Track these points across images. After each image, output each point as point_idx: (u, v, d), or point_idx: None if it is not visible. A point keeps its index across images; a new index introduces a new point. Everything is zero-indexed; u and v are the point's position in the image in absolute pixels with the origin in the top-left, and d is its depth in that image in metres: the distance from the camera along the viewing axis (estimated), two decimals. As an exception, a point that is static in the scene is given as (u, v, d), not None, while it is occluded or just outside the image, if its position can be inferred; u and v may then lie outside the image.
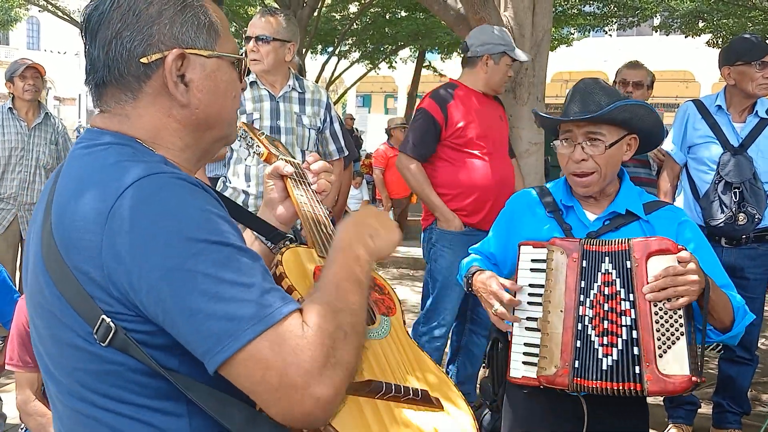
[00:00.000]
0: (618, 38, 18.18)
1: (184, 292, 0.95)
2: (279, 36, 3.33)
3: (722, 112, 3.42)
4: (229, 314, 0.95)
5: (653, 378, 1.78)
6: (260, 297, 0.97)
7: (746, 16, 9.48)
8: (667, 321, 1.81)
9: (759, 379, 4.29)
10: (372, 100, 27.49)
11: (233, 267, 0.97)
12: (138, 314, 1.00)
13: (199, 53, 1.13)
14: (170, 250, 0.96)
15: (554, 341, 1.92)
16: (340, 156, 3.63)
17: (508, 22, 3.92)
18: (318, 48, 13.52)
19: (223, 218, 1.03)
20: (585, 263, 1.92)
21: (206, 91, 1.14)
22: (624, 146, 2.08)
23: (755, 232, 3.33)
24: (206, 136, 1.18)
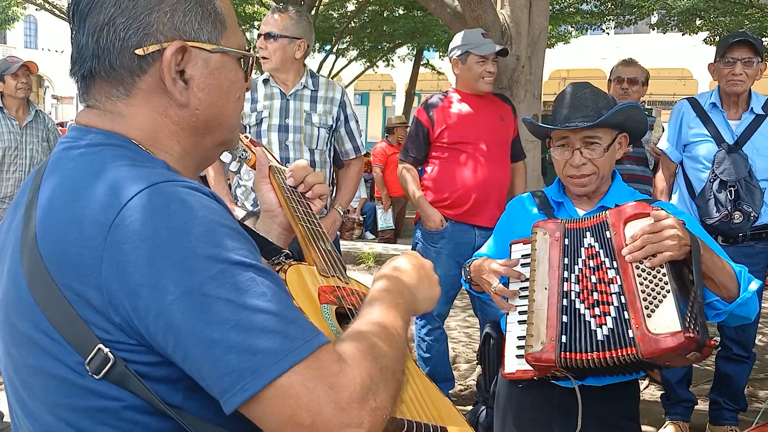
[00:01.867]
0: (615, 36, 18.18)
1: (201, 320, 0.82)
2: (287, 33, 3.32)
3: (717, 110, 3.42)
4: (254, 347, 0.82)
5: (644, 339, 1.76)
6: (287, 326, 0.84)
7: (743, 14, 9.47)
8: (651, 281, 1.81)
9: (756, 376, 4.30)
10: (370, 98, 27.48)
11: (257, 292, 0.85)
12: (141, 343, 0.87)
13: (203, 47, 0.99)
14: (185, 270, 0.83)
15: (540, 318, 1.93)
16: (356, 155, 3.61)
17: (505, 20, 3.92)
18: (316, 46, 13.52)
19: (242, 234, 0.90)
20: (567, 241, 1.96)
21: (208, 90, 1.00)
22: (617, 145, 2.12)
23: (752, 230, 3.33)
24: (206, 141, 1.05)
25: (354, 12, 12.05)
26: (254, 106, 3.42)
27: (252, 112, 3.41)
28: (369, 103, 27.55)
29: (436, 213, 3.60)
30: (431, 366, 3.74)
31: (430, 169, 3.68)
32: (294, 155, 3.38)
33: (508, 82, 3.96)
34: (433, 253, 3.62)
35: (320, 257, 1.28)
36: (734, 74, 3.31)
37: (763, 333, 5.50)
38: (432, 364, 3.74)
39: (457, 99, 3.66)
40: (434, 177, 3.65)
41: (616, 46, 17.85)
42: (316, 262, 1.27)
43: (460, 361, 4.74)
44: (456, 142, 3.58)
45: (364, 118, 25.84)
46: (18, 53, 22.21)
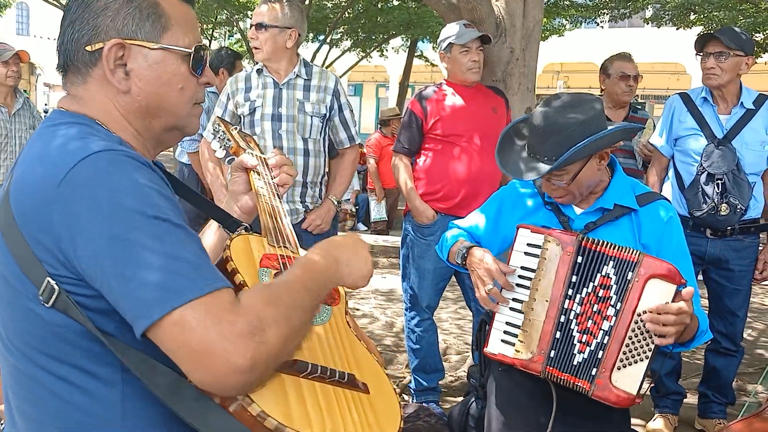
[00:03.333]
0: (610, 30, 18.19)
1: (122, 260, 1.02)
2: (277, 23, 3.34)
3: (708, 104, 3.44)
4: (161, 283, 1.01)
5: (602, 384, 1.87)
6: (192, 270, 1.03)
7: (737, 9, 9.49)
8: (639, 342, 1.87)
9: (744, 370, 4.34)
10: (363, 89, 27.41)
11: (170, 240, 1.04)
12: (80, 278, 1.07)
13: (142, 44, 1.19)
14: (113, 220, 1.03)
15: (535, 328, 1.96)
16: (351, 144, 3.62)
17: (500, 12, 3.91)
18: (309, 36, 13.46)
19: (166, 196, 1.10)
20: (581, 259, 1.94)
21: (147, 80, 1.20)
22: (595, 162, 2.08)
23: (740, 223, 3.35)
24: (154, 125, 1.24)
25: (348, 2, 12.00)
26: (248, 95, 3.43)
27: (246, 102, 3.43)
28: (362, 95, 27.49)
29: (427, 209, 3.60)
30: (421, 357, 3.75)
31: (423, 160, 3.68)
32: (287, 144, 3.38)
33: (501, 74, 3.94)
34: (423, 245, 3.63)
35: (274, 230, 1.43)
36: (707, 68, 3.36)
37: (753, 327, 5.55)
38: (422, 355, 3.75)
39: (451, 91, 3.66)
40: (426, 169, 3.65)
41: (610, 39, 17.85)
42: (270, 234, 1.42)
43: (450, 352, 4.75)
44: (449, 134, 3.59)
45: (357, 110, 25.77)
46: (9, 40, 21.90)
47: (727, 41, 3.32)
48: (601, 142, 2.02)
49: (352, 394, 1.21)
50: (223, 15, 12.82)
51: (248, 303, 1.06)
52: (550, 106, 2.06)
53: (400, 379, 4.17)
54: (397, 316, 5.50)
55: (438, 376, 3.83)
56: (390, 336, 5.10)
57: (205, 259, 1.08)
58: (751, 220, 3.40)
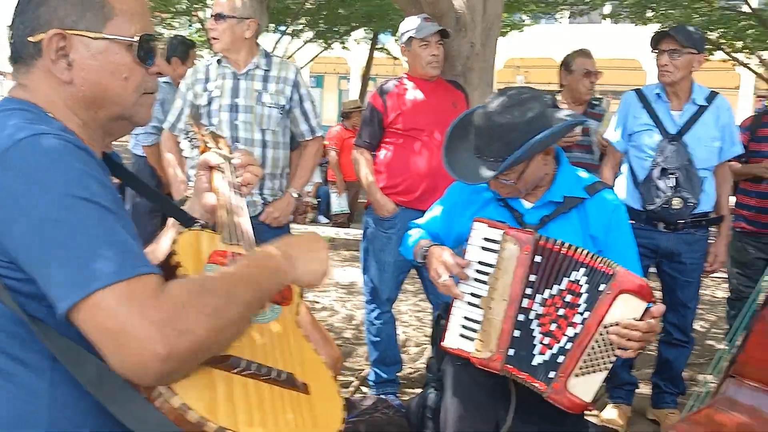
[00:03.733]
0: (569, 26, 18.42)
1: (49, 242, 1.01)
2: (236, 13, 3.31)
3: (661, 101, 3.51)
4: (84, 265, 1.00)
5: (558, 388, 1.90)
6: (118, 255, 1.02)
7: (691, 7, 9.68)
8: (601, 353, 1.90)
9: (695, 361, 4.45)
10: (325, 80, 27.30)
11: (98, 224, 1.04)
12: (11, 261, 1.06)
13: (83, 35, 1.18)
14: (44, 201, 1.03)
15: (494, 327, 1.98)
16: (312, 136, 3.59)
17: (460, 7, 3.93)
18: (270, 27, 13.33)
19: (100, 181, 1.09)
20: (539, 258, 1.96)
21: (89, 70, 1.19)
22: (539, 157, 2.08)
23: (692, 217, 3.43)
24: (100, 115, 1.23)
25: (310, -7, 11.92)
26: (206, 86, 3.41)
27: (204, 92, 3.41)
28: (324, 86, 27.38)
29: (388, 202, 3.61)
30: (380, 350, 3.77)
31: (384, 154, 3.69)
32: (244, 135, 3.35)
33: (462, 69, 3.97)
34: (384, 238, 3.65)
35: (229, 226, 1.41)
36: (661, 65, 3.44)
37: (704, 319, 5.68)
38: (381, 347, 3.77)
39: (411, 86, 3.68)
40: (387, 162, 3.66)
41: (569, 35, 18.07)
42: (225, 230, 1.40)
43: (410, 344, 4.78)
44: (410, 128, 3.60)
45: (318, 101, 25.64)
46: (-40, 26, 21.22)
47: (680, 39, 3.39)
48: (545, 141, 2.02)
49: (290, 393, 1.18)
50: (182, 4, 12.61)
51: (175, 291, 1.04)
52: (493, 104, 2.04)
53: (359, 371, 4.19)
54: (357, 308, 5.50)
55: (397, 369, 3.86)
56: (350, 329, 5.11)
57: (134, 246, 1.06)
58: (702, 214, 3.49)
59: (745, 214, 4.28)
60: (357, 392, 3.93)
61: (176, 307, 1.02)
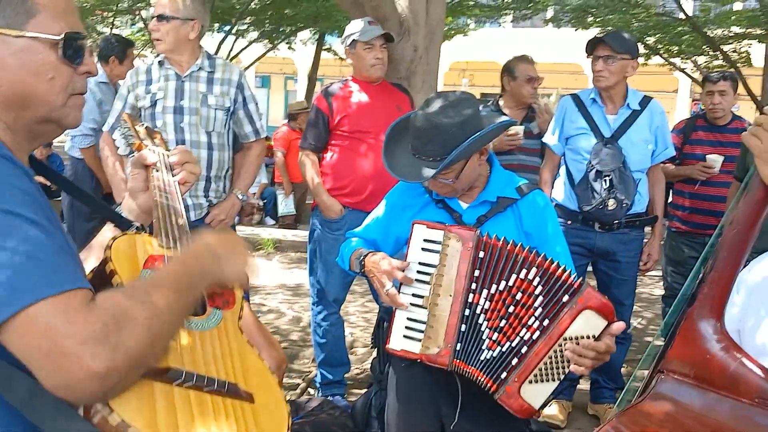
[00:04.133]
0: (513, 29, 18.70)
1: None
2: (179, 14, 3.27)
3: (596, 105, 3.63)
4: (8, 282, 0.94)
5: (511, 392, 1.95)
6: (43, 268, 0.97)
7: (630, 13, 9.96)
8: (557, 364, 1.94)
9: (633, 357, 4.58)
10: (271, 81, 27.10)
11: (20, 236, 0.97)
12: None
13: (3, 32, 1.09)
14: None
15: (440, 323, 2.01)
16: (256, 138, 3.57)
17: (403, 11, 3.98)
18: (215, 26, 13.18)
19: (23, 190, 1.02)
20: (482, 254, 2.01)
21: (9, 69, 1.10)
22: (475, 158, 2.15)
23: (626, 218, 3.56)
24: (24, 116, 1.14)
25: (255, -7, 11.83)
26: (149, 88, 3.36)
27: (146, 95, 3.36)
28: (270, 87, 27.16)
29: (335, 203, 3.63)
30: (327, 351, 3.79)
31: (330, 156, 3.71)
32: (190, 137, 3.33)
33: (406, 72, 4.02)
34: (331, 240, 3.66)
35: (165, 230, 1.36)
36: (596, 71, 3.56)
37: (642, 316, 5.86)
38: (328, 349, 3.79)
39: (357, 88, 3.71)
40: (333, 164, 3.69)
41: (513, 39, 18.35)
42: (161, 234, 1.35)
43: (357, 345, 4.81)
44: (355, 130, 3.63)
45: (265, 102, 25.42)
46: None
47: (615, 45, 3.50)
48: (482, 140, 2.10)
49: (234, 403, 1.16)
50: (125, 3, 12.37)
51: (105, 303, 1.00)
52: (430, 107, 2.11)
53: (306, 373, 4.20)
54: (304, 310, 5.50)
55: (344, 370, 3.88)
56: (296, 331, 5.11)
57: (62, 258, 1.01)
58: (636, 215, 3.61)
59: (680, 215, 4.44)
60: (304, 394, 3.94)
61: (107, 320, 0.98)
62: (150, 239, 1.34)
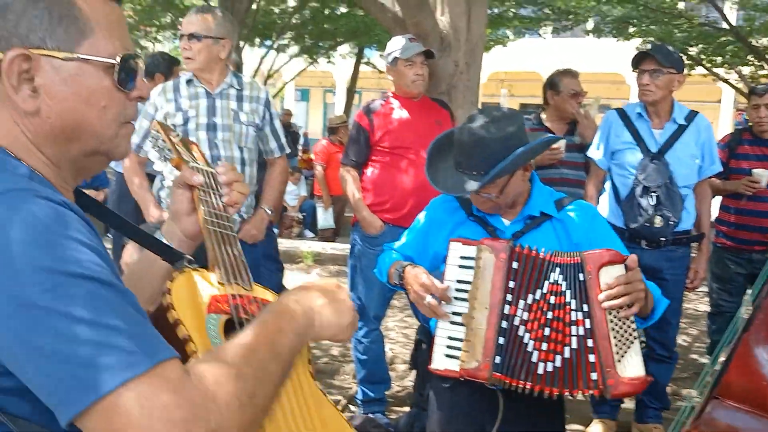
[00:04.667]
0: (553, 40, 18.59)
1: (35, 332, 0.81)
2: (211, 33, 3.32)
3: (642, 119, 3.58)
4: (87, 361, 0.80)
5: (614, 382, 1.91)
6: (127, 342, 0.83)
7: (672, 24, 9.84)
8: (622, 327, 1.93)
9: (679, 375, 4.49)
10: (310, 94, 27.36)
11: (96, 305, 0.83)
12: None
13: (53, 55, 0.96)
14: (22, 281, 0.82)
15: (477, 337, 2.00)
16: (281, 153, 3.63)
17: (444, 27, 3.99)
18: (256, 41, 13.38)
19: (89, 245, 0.89)
20: (516, 264, 2.00)
21: (60, 98, 0.97)
22: (519, 173, 2.16)
23: (673, 235, 3.49)
24: (71, 150, 1.02)
25: (295, 8, 11.99)
26: (178, 105, 3.38)
27: (177, 112, 3.38)
28: (309, 100, 27.43)
29: (375, 219, 3.65)
30: (368, 368, 3.79)
31: (370, 171, 3.73)
32: (224, 153, 3.38)
33: (446, 87, 4.03)
34: (371, 256, 3.66)
35: (222, 262, 1.24)
36: (642, 85, 3.50)
37: (687, 333, 5.74)
38: (368, 366, 3.78)
39: (397, 105, 3.73)
40: (373, 180, 3.70)
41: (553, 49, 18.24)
42: (219, 268, 1.23)
43: (397, 362, 4.79)
44: (395, 146, 3.65)
45: (304, 115, 25.65)
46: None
47: (661, 59, 3.45)
48: (526, 155, 2.10)
49: None
50: (167, 18, 12.62)
51: (201, 380, 0.85)
52: (474, 122, 2.12)
53: (347, 390, 4.20)
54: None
55: (384, 387, 3.87)
56: (337, 346, 5.12)
57: (142, 322, 0.87)
58: (683, 232, 3.54)
59: (725, 230, 4.35)
60: (344, 411, 3.94)
61: (205, 401, 0.83)
62: (207, 274, 1.22)
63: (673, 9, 9.83)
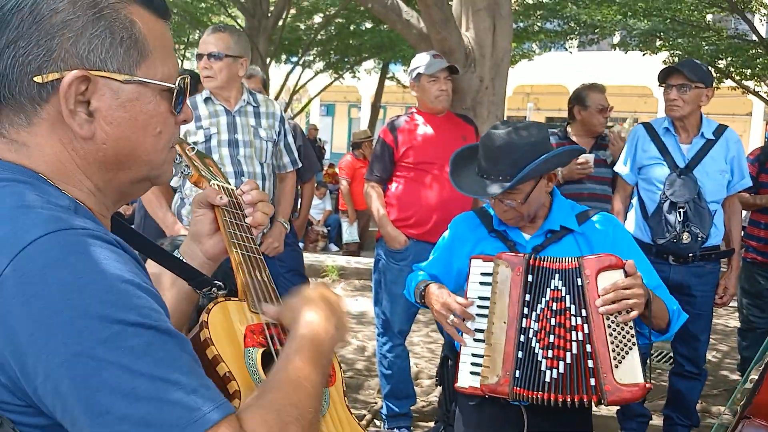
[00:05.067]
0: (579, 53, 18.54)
1: (91, 386, 0.77)
2: (231, 52, 3.38)
3: (670, 134, 3.55)
4: (146, 419, 0.76)
5: (611, 388, 1.89)
6: (186, 397, 0.78)
7: (700, 36, 9.75)
8: (620, 333, 1.91)
9: (709, 392, 4.42)
10: (336, 109, 27.52)
11: (155, 357, 0.79)
12: (29, 405, 0.81)
13: (111, 77, 0.91)
14: (76, 330, 0.77)
15: (497, 351, 2.00)
16: (294, 168, 3.73)
17: (469, 43, 4.00)
18: (282, 57, 13.52)
19: (146, 290, 0.84)
20: (531, 277, 2.01)
21: (117, 123, 0.92)
22: (544, 182, 2.17)
23: (701, 250, 3.44)
24: (120, 177, 0.97)
25: (321, 24, 12.09)
26: (199, 124, 3.42)
27: (198, 130, 3.41)
28: (335, 115, 27.59)
29: (399, 234, 3.66)
30: (393, 383, 3.78)
31: (395, 187, 3.74)
32: (246, 169, 3.43)
33: (471, 102, 4.04)
34: (396, 271, 3.68)
35: (253, 288, 1.18)
36: (670, 100, 3.47)
37: (717, 349, 5.65)
38: (394, 381, 3.78)
39: (421, 120, 3.74)
40: (398, 195, 3.72)
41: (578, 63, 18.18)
42: (248, 294, 1.17)
43: (422, 377, 4.78)
44: (420, 162, 3.66)
45: (329, 129, 25.80)
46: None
47: (689, 74, 3.43)
48: (552, 161, 2.12)
49: None
50: (195, 35, 12.81)
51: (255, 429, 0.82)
52: (499, 129, 2.15)
53: (372, 404, 4.19)
54: (368, 339, 5.51)
55: (410, 402, 3.86)
56: (361, 360, 5.12)
57: (199, 374, 0.83)
58: (711, 247, 3.50)
59: (755, 245, 4.29)
60: (370, 426, 3.93)
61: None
62: (239, 304, 1.16)
63: (701, 22, 9.75)
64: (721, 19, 11.10)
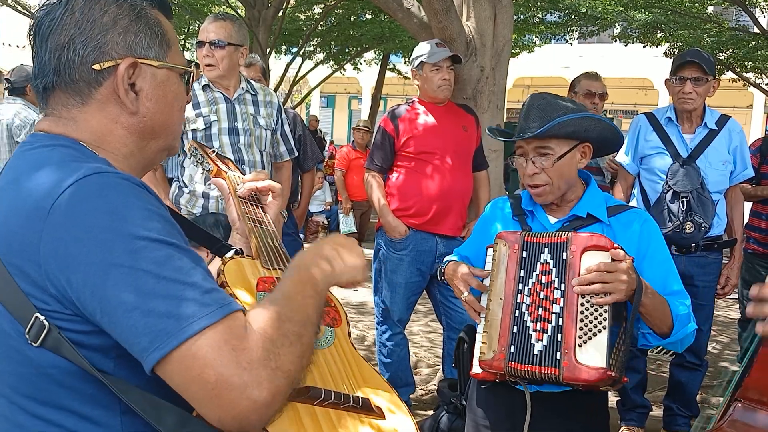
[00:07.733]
0: (579, 45, 18.50)
1: (123, 289, 0.95)
2: (233, 40, 3.38)
3: (672, 124, 3.53)
4: (168, 311, 0.94)
5: (569, 365, 1.86)
6: (201, 296, 0.96)
7: (701, 28, 9.72)
8: (592, 314, 1.89)
9: (709, 383, 4.42)
10: (336, 100, 27.46)
11: (174, 265, 0.97)
12: (75, 313, 0.99)
13: (151, 63, 1.16)
14: (111, 246, 0.96)
15: (494, 327, 2.00)
16: (290, 156, 3.75)
17: (470, 32, 3.98)
18: (282, 48, 13.49)
19: (165, 219, 1.03)
20: (525, 254, 2.01)
21: (155, 100, 1.17)
22: (577, 155, 2.14)
23: (704, 240, 3.43)
24: (151, 145, 1.20)
25: (321, 15, 12.05)
26: (199, 111, 3.40)
27: (198, 117, 3.40)
28: (335, 106, 27.54)
29: (399, 224, 3.65)
30: (392, 371, 3.78)
31: (395, 177, 3.73)
32: (247, 157, 3.43)
33: (472, 92, 4.01)
34: (396, 260, 3.67)
35: (266, 252, 1.37)
36: (684, 93, 3.42)
37: (718, 341, 5.66)
38: (393, 369, 3.78)
39: (422, 110, 3.73)
40: (399, 185, 3.71)
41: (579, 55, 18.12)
42: (263, 255, 1.36)
43: (421, 365, 4.78)
44: (421, 152, 3.65)
45: (329, 121, 25.77)
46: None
47: (706, 67, 3.39)
48: (589, 122, 2.09)
49: (369, 420, 1.18)
50: (195, 26, 12.77)
51: (259, 325, 0.98)
52: (535, 98, 2.16)
53: (372, 393, 4.19)
54: (368, 329, 5.52)
55: (408, 390, 3.86)
56: (361, 349, 5.13)
57: (212, 281, 1.01)
58: (714, 237, 3.48)
59: (756, 236, 4.29)
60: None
61: (265, 344, 0.96)
62: (253, 262, 1.35)
63: (702, 14, 9.72)
64: (722, 11, 11.08)
